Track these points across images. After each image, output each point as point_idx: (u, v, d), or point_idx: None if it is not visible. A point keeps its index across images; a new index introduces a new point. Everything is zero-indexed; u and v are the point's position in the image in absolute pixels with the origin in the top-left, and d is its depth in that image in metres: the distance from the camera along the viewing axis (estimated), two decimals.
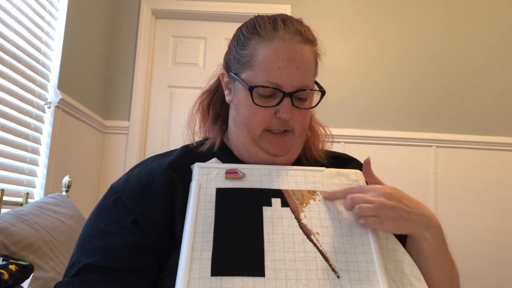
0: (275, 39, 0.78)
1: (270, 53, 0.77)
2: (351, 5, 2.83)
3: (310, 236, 0.69)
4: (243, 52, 0.81)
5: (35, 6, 1.97)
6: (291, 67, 0.77)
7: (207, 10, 2.83)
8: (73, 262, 0.72)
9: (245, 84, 0.79)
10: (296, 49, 0.78)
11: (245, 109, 0.80)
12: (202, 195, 0.73)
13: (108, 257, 0.70)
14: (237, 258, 0.65)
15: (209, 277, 0.63)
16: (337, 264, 0.67)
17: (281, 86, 0.77)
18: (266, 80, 0.77)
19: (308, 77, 0.79)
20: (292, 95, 0.77)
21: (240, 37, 0.83)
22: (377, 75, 2.76)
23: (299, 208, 0.73)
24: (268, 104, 0.78)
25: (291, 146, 0.82)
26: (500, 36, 2.75)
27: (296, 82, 0.77)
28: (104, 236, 0.72)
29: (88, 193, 2.51)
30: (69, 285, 0.69)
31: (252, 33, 0.81)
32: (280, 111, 0.77)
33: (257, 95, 0.78)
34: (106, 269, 0.69)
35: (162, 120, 2.83)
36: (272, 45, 0.77)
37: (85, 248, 0.72)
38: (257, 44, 0.79)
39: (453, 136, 2.65)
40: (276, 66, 0.77)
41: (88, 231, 0.75)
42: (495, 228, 2.56)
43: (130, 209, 0.74)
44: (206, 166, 0.78)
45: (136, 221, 0.72)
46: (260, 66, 0.78)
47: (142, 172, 0.80)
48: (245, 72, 0.80)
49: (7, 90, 1.76)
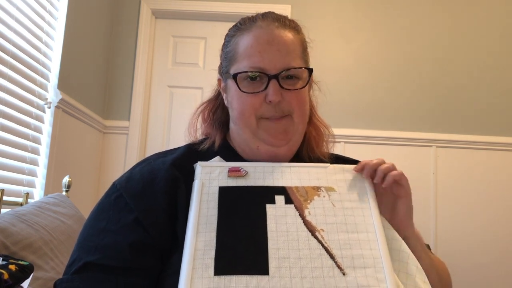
0: (253, 28, 0.81)
1: (250, 40, 0.79)
2: (351, 5, 2.83)
3: (314, 233, 0.68)
4: (227, 49, 0.84)
5: (35, 6, 1.97)
6: (271, 50, 0.78)
7: (207, 10, 2.83)
8: (73, 260, 0.71)
9: (230, 76, 0.80)
10: (275, 33, 0.79)
11: (236, 101, 0.81)
12: (204, 194, 0.73)
13: (109, 255, 0.70)
14: (241, 257, 0.65)
15: (212, 276, 0.63)
16: (342, 261, 0.66)
17: (264, 69, 0.78)
18: (250, 66, 0.78)
19: (292, 58, 0.79)
20: (277, 77, 0.77)
21: (225, 39, 0.86)
22: (377, 75, 2.76)
23: (303, 205, 0.72)
24: (256, 90, 0.78)
25: (292, 133, 0.81)
26: (500, 36, 2.75)
27: (280, 64, 0.78)
28: (105, 234, 0.72)
29: (88, 193, 2.51)
30: (69, 283, 0.69)
31: (233, 31, 0.84)
32: (268, 95, 0.78)
33: (245, 84, 0.79)
34: (107, 268, 0.68)
35: (162, 120, 2.83)
36: (251, 34, 0.80)
37: (85, 246, 0.72)
38: (238, 38, 0.82)
39: (453, 136, 2.65)
40: (256, 51, 0.78)
41: (89, 229, 0.75)
42: (495, 228, 2.56)
43: (132, 207, 0.73)
44: (209, 165, 0.77)
45: (138, 219, 0.72)
46: (242, 55, 0.80)
47: (145, 170, 0.79)
48: (232, 67, 0.82)
49: (7, 90, 1.76)
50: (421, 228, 0.95)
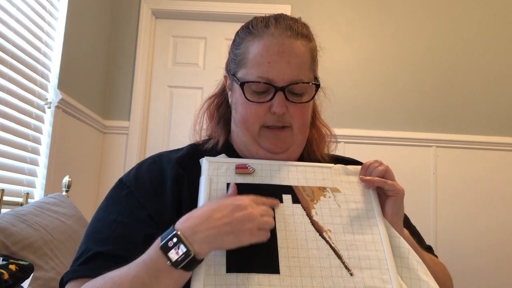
0: (265, 35, 0.79)
1: (260, 49, 0.78)
2: (351, 5, 2.83)
3: (322, 233, 0.70)
4: (237, 52, 0.82)
5: (35, 6, 1.97)
6: (281, 61, 0.77)
7: (207, 10, 2.83)
8: (81, 252, 0.71)
9: (237, 81, 0.80)
10: (286, 43, 0.78)
11: (241, 106, 0.80)
12: (213, 190, 0.73)
13: (122, 246, 0.70)
14: (252, 255, 0.65)
15: (224, 274, 0.63)
16: (349, 261, 0.67)
17: (272, 80, 0.77)
18: (257, 76, 0.77)
19: (301, 71, 0.78)
20: (284, 89, 0.77)
21: (236, 39, 0.85)
22: (377, 75, 2.76)
23: (310, 205, 0.73)
24: (262, 100, 0.78)
25: (290, 143, 0.81)
26: (500, 37, 2.75)
27: (288, 76, 0.77)
28: (117, 225, 0.72)
29: (88, 193, 2.51)
30: (77, 272, 0.68)
31: (245, 33, 0.82)
32: (273, 106, 0.77)
33: (251, 92, 0.78)
34: (119, 258, 0.68)
35: (162, 120, 2.83)
36: (262, 41, 0.79)
37: (95, 238, 0.72)
38: (249, 42, 0.80)
39: (453, 136, 2.65)
40: (266, 61, 0.77)
41: (98, 223, 0.75)
42: (495, 228, 2.56)
43: (144, 205, 0.74)
44: (216, 160, 0.77)
45: (151, 216, 0.73)
46: (251, 63, 0.79)
47: (153, 168, 0.80)
48: (240, 71, 0.81)
49: (7, 90, 1.76)
50: (421, 228, 0.96)
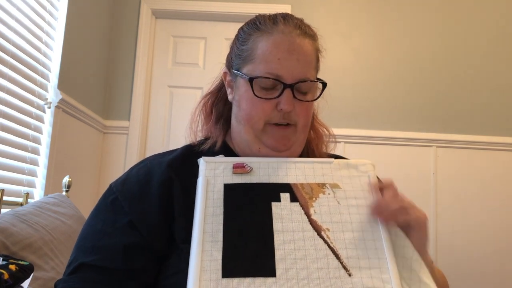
0: (275, 32, 0.78)
1: (270, 45, 0.77)
2: (351, 5, 2.83)
3: (320, 232, 0.68)
4: (243, 47, 0.81)
5: (35, 6, 1.97)
6: (291, 59, 0.77)
7: (207, 10, 2.83)
8: (71, 261, 0.73)
9: (245, 77, 0.79)
10: (296, 41, 0.78)
11: (247, 102, 0.79)
12: (210, 191, 0.72)
13: (104, 257, 0.70)
14: (248, 258, 0.65)
15: (220, 279, 0.62)
16: (348, 261, 0.66)
17: (281, 77, 0.76)
18: (266, 72, 0.76)
19: (308, 69, 0.79)
20: (293, 87, 0.77)
21: (241, 34, 0.84)
22: (377, 75, 2.76)
23: (308, 203, 0.71)
24: (269, 96, 0.77)
25: (293, 141, 0.81)
26: (500, 36, 2.75)
27: (297, 74, 0.77)
28: (101, 236, 0.72)
29: (88, 193, 2.51)
30: (65, 283, 0.70)
31: (252, 29, 0.81)
32: (281, 103, 0.77)
33: (258, 88, 0.78)
34: (102, 269, 0.69)
35: (162, 120, 2.83)
36: (271, 38, 0.78)
37: (82, 246, 0.73)
38: (257, 38, 0.79)
39: (453, 136, 2.65)
40: (276, 58, 0.76)
41: (86, 231, 0.76)
42: (495, 228, 2.56)
43: (127, 210, 0.74)
44: (213, 160, 0.76)
45: (132, 222, 0.73)
46: (260, 58, 0.78)
47: (141, 172, 0.79)
48: (246, 67, 0.80)
49: (7, 90, 1.76)
50: None
